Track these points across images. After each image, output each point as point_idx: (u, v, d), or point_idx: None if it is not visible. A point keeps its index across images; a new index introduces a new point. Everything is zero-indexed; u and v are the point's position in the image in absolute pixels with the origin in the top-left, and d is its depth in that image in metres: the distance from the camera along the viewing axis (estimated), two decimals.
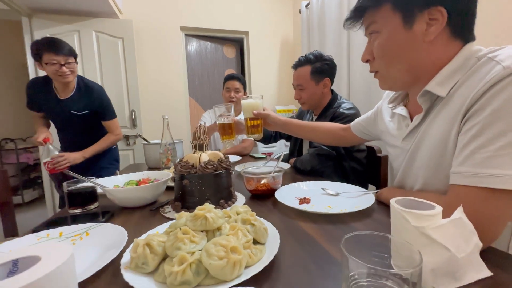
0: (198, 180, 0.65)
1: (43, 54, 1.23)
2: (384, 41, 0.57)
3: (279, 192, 0.75)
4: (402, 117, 0.65)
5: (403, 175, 0.64)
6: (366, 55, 0.62)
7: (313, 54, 1.19)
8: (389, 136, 0.71)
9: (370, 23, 0.58)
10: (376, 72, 0.62)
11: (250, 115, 0.97)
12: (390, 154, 0.74)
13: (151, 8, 2.55)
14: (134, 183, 0.80)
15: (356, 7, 0.59)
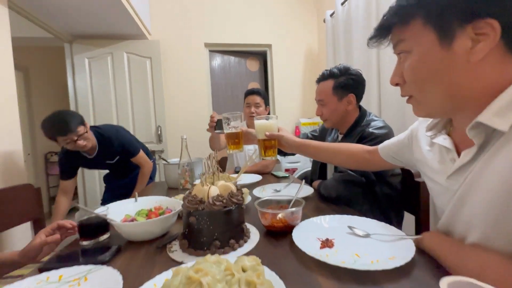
0: (205, 218, 0.59)
1: (57, 138, 1.34)
2: (416, 63, 0.47)
3: (297, 230, 0.66)
4: (445, 149, 0.53)
5: (450, 219, 0.52)
6: (396, 77, 0.52)
7: (338, 68, 1.10)
8: (428, 168, 0.59)
9: (398, 41, 0.49)
10: (409, 97, 0.52)
11: (263, 136, 0.90)
12: (430, 188, 0.61)
13: (177, 28, 2.66)
14: (145, 213, 0.76)
15: (381, 24, 0.50)
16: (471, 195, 0.45)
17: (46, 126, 1.32)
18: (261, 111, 1.79)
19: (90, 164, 1.58)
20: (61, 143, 1.35)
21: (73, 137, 1.34)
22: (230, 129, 0.96)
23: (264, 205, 0.78)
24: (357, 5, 2.01)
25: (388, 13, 0.48)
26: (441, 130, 0.56)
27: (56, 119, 1.33)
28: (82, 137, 1.38)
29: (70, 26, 2.16)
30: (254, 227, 0.74)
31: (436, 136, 0.56)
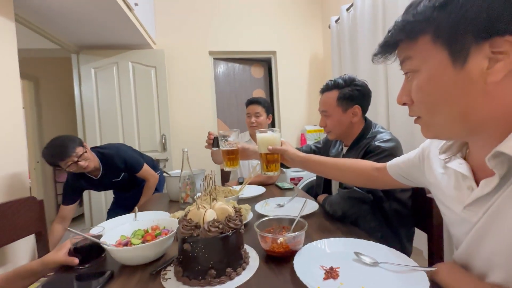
0: (200, 245, 0.56)
1: (59, 163, 1.36)
2: (425, 84, 0.42)
3: (299, 257, 0.62)
4: (461, 175, 0.48)
5: (468, 252, 0.47)
6: (403, 96, 0.48)
7: (342, 78, 1.05)
8: (442, 193, 0.54)
9: (405, 58, 0.45)
10: (418, 118, 0.48)
11: (266, 150, 0.87)
12: (444, 214, 0.56)
13: (181, 37, 2.67)
14: (141, 234, 0.74)
15: (385, 41, 0.45)
16: (493, 231, 0.40)
17: (46, 154, 1.35)
18: (262, 120, 1.75)
19: (98, 185, 1.58)
20: (64, 167, 1.37)
21: (73, 159, 1.35)
22: (227, 145, 0.94)
23: (264, 226, 0.74)
24: (362, 11, 1.97)
25: (394, 28, 0.44)
26: (456, 153, 0.51)
27: (54, 145, 1.36)
28: (82, 157, 1.39)
29: (77, 37, 2.20)
30: (254, 251, 0.70)
31: (451, 160, 0.50)
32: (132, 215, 1.06)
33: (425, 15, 0.39)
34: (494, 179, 0.40)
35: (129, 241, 0.70)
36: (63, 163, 1.35)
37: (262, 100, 1.77)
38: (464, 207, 0.46)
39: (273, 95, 3.04)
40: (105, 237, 0.69)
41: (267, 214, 0.98)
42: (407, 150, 1.11)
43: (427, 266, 0.54)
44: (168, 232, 0.76)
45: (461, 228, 0.47)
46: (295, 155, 0.88)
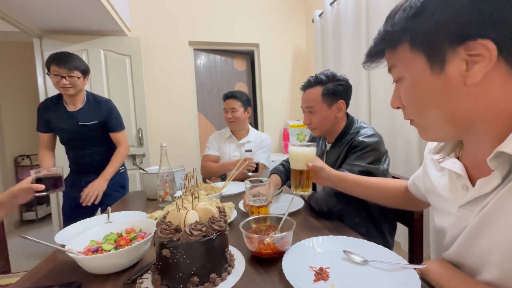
0: (181, 250, 0.51)
1: (51, 66, 1.31)
2: (409, 89, 0.44)
3: (288, 258, 0.59)
4: (455, 175, 0.47)
5: (460, 251, 0.46)
6: (396, 101, 0.48)
7: (324, 74, 1.03)
8: (438, 198, 0.53)
9: (391, 66, 0.46)
10: (411, 121, 0.48)
11: (302, 167, 0.79)
12: (437, 220, 0.54)
13: (159, 25, 2.51)
14: (113, 239, 0.66)
15: (370, 49, 0.47)
16: (488, 229, 0.40)
17: (50, 55, 1.34)
18: (239, 115, 1.69)
19: (64, 119, 1.43)
20: (53, 72, 1.31)
21: (63, 73, 1.31)
22: (259, 201, 0.82)
23: (249, 226, 0.71)
24: (346, 6, 1.96)
25: (376, 38, 0.46)
26: (450, 153, 0.51)
27: (66, 52, 1.36)
28: (72, 79, 1.33)
29: (39, 20, 1.97)
30: (239, 252, 0.66)
31: (444, 160, 0.50)
32: (104, 216, 0.97)
33: (400, 25, 0.40)
34: (494, 179, 0.39)
35: (99, 247, 0.63)
36: (53, 68, 1.31)
37: (238, 94, 1.70)
38: (460, 206, 0.45)
39: (255, 88, 2.98)
40: (70, 243, 0.61)
41: None
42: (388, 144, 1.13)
43: (417, 264, 0.53)
44: (145, 235, 0.70)
45: (455, 228, 0.47)
46: (331, 174, 0.81)
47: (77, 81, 1.35)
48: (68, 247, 0.59)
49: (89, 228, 0.85)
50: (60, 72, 1.30)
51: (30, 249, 2.35)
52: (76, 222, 0.89)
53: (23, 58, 3.02)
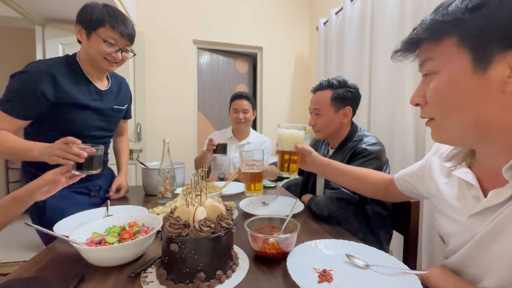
0: (190, 246, 0.51)
1: (104, 25, 0.90)
2: (443, 86, 0.42)
3: (292, 258, 0.60)
4: (466, 184, 0.48)
5: (465, 260, 0.48)
6: (417, 97, 0.47)
7: (336, 80, 1.06)
8: (444, 205, 0.54)
9: (426, 59, 0.44)
10: (429, 120, 0.47)
11: (290, 148, 0.80)
12: (441, 225, 0.56)
13: (164, 20, 2.51)
14: (117, 232, 0.66)
15: (409, 38, 0.45)
16: (496, 239, 0.41)
17: (108, 6, 0.94)
18: (250, 116, 1.72)
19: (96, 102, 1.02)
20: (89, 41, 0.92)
21: (121, 44, 0.95)
22: (251, 168, 0.83)
23: (254, 225, 0.71)
24: (351, 16, 2.01)
25: (420, 26, 0.43)
26: (461, 161, 0.51)
27: (123, 15, 0.97)
28: (126, 55, 1.00)
29: (43, 8, 1.95)
30: (243, 251, 0.66)
31: (456, 168, 0.51)
32: (102, 209, 0.96)
33: (454, 16, 0.39)
34: (508, 190, 0.40)
35: (103, 239, 0.62)
36: (109, 32, 0.91)
37: (250, 95, 1.73)
38: (469, 216, 0.46)
39: (256, 91, 3.00)
40: (73, 234, 0.61)
41: (252, 213, 0.95)
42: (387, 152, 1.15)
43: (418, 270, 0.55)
44: (148, 229, 0.69)
45: (461, 237, 0.48)
46: (317, 158, 0.83)
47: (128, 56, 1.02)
48: (72, 237, 0.59)
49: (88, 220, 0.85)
50: (118, 42, 0.94)
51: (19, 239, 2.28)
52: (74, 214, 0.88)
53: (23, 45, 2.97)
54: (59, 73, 0.92)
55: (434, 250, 1.30)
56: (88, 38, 0.93)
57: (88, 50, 0.94)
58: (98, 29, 0.90)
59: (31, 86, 0.87)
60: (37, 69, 0.91)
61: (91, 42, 0.93)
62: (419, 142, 1.46)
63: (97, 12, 0.91)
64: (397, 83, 1.56)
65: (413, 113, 1.48)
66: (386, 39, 1.64)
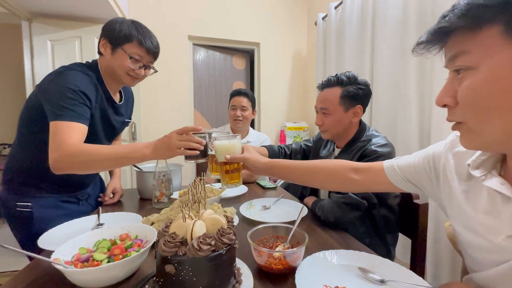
0: (187, 267, 0.45)
1: (131, 41, 0.89)
2: (482, 84, 0.36)
3: (300, 274, 0.54)
4: (502, 198, 0.41)
5: (491, 278, 0.43)
6: (445, 97, 0.41)
7: (346, 76, 0.98)
8: (462, 215, 0.48)
9: (458, 52, 0.38)
10: (459, 124, 0.41)
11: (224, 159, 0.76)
12: (461, 236, 0.50)
13: (158, 16, 2.42)
14: (107, 246, 0.60)
15: (440, 27, 0.38)
16: None
17: (136, 22, 0.94)
18: (248, 115, 1.65)
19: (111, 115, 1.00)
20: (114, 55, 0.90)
21: (145, 60, 0.95)
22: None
23: (257, 235, 0.66)
24: (351, 10, 1.94)
25: (452, 12, 0.37)
26: (491, 169, 0.44)
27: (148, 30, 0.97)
28: (149, 72, 1.01)
29: (29, 2, 1.85)
30: (245, 265, 0.61)
31: (487, 178, 0.43)
32: (93, 217, 0.90)
33: (499, 0, 0.32)
34: None
35: (91, 256, 0.56)
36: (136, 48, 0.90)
37: (250, 93, 1.66)
38: (508, 236, 0.39)
39: (254, 88, 2.93)
40: (57, 252, 0.54)
41: (253, 218, 0.90)
42: None
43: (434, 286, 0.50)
44: (142, 243, 0.63)
45: (491, 256, 0.43)
46: (258, 162, 0.78)
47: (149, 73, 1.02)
48: (54, 256, 0.53)
49: (77, 230, 0.78)
50: (143, 58, 0.93)
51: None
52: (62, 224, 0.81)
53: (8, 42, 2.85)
54: (97, 83, 0.92)
55: (440, 252, 1.27)
56: (113, 52, 0.91)
57: (111, 64, 0.92)
58: (125, 45, 0.90)
59: (80, 90, 0.82)
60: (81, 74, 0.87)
61: (116, 56, 0.91)
62: (424, 140, 1.42)
63: (126, 27, 0.90)
64: (400, 79, 1.51)
65: (417, 111, 1.43)
66: (389, 34, 1.58)
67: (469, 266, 0.51)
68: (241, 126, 1.67)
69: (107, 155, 0.76)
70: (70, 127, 0.76)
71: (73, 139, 0.75)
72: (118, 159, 0.77)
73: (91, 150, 0.76)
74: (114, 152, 0.77)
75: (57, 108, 0.77)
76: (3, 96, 2.96)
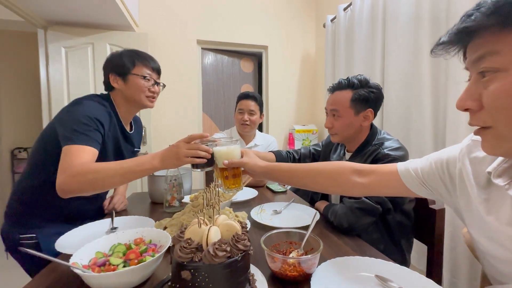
0: (203, 273, 0.45)
1: (136, 65, 0.95)
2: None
3: (316, 282, 0.53)
4: None
5: None
6: (468, 100, 0.39)
7: (357, 79, 0.97)
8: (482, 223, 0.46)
9: (485, 53, 0.36)
10: (485, 128, 0.39)
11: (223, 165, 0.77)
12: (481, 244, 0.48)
13: (168, 21, 2.46)
14: (122, 252, 0.60)
15: (464, 26, 0.36)
16: None
17: (131, 50, 0.99)
18: (256, 119, 1.63)
19: (123, 145, 1.04)
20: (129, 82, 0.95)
21: (156, 77, 1.02)
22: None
23: (270, 241, 0.65)
24: (361, 11, 1.93)
25: (477, 11, 0.35)
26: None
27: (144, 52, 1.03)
28: (159, 88, 1.05)
29: (45, 11, 1.91)
30: (259, 271, 0.60)
31: (511, 187, 0.41)
32: (106, 221, 0.91)
33: None
34: None
35: (107, 261, 0.57)
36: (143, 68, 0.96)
37: (257, 96, 1.64)
38: None
39: (262, 91, 2.94)
40: (75, 256, 0.55)
41: (265, 223, 0.89)
42: None
43: None
44: (156, 247, 0.64)
45: None
46: (256, 166, 0.77)
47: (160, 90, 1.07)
48: (73, 260, 0.53)
49: (92, 234, 0.80)
50: (152, 76, 1.00)
51: None
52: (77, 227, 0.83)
53: (25, 49, 2.95)
54: (111, 111, 0.95)
55: (458, 259, 1.23)
56: (126, 81, 0.96)
57: (127, 92, 0.97)
58: (133, 69, 0.95)
59: (94, 117, 0.86)
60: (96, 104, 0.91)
61: (130, 83, 0.96)
62: (439, 143, 1.38)
63: (126, 56, 0.96)
64: (413, 80, 1.48)
65: (431, 112, 1.40)
66: (401, 34, 1.55)
67: (489, 274, 0.49)
68: (248, 131, 1.65)
69: (115, 170, 0.75)
70: (80, 150, 0.78)
71: (82, 160, 0.76)
72: (126, 174, 0.76)
73: (98, 167, 0.76)
74: (122, 167, 0.76)
75: (70, 133, 0.80)
76: (20, 102, 3.05)
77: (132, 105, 1.01)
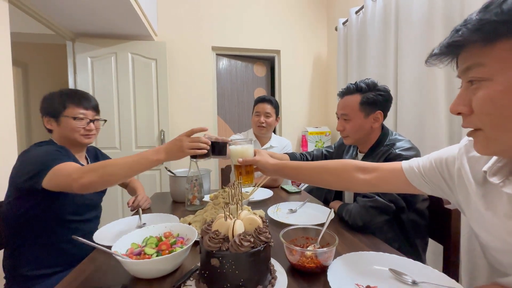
0: (230, 261, 0.50)
1: (68, 107, 0.97)
2: (499, 95, 0.38)
3: (332, 272, 0.57)
4: None
5: None
6: (460, 105, 0.43)
7: (365, 83, 1.01)
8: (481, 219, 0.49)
9: (472, 65, 0.40)
10: (476, 130, 0.43)
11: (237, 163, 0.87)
12: (481, 236, 0.51)
13: (184, 30, 2.58)
14: (154, 243, 0.67)
15: (454, 41, 0.40)
16: None
17: (63, 91, 1.01)
18: (272, 121, 1.70)
19: None
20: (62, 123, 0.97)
21: (90, 115, 1.02)
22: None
23: (288, 236, 0.70)
24: (373, 14, 1.94)
25: (465, 27, 0.38)
26: (509, 175, 0.45)
27: (78, 90, 1.06)
28: (97, 124, 1.07)
29: (73, 24, 2.07)
30: (278, 263, 0.65)
31: (505, 184, 0.44)
32: (134, 218, 0.99)
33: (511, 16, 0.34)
34: None
35: (142, 251, 0.63)
36: (77, 111, 0.98)
37: (274, 100, 1.71)
38: None
39: (275, 95, 2.99)
40: (115, 245, 0.62)
41: (281, 220, 0.94)
42: None
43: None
44: (184, 240, 0.70)
45: None
46: (267, 164, 0.85)
47: (100, 125, 1.09)
48: (114, 249, 0.60)
49: (124, 229, 0.88)
50: (86, 115, 1.01)
51: None
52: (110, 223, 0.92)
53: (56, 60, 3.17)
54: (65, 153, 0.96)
55: (475, 259, 1.21)
56: (59, 123, 0.99)
57: (63, 133, 1.00)
58: (64, 111, 0.97)
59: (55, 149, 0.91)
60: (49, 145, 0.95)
61: (63, 125, 0.98)
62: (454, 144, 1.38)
63: (56, 98, 0.98)
64: (427, 83, 1.48)
65: (446, 114, 1.39)
66: (414, 36, 1.56)
67: (491, 265, 0.52)
68: (265, 133, 1.72)
69: (122, 163, 0.80)
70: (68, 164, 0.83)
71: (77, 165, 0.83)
72: (133, 166, 0.80)
73: (105, 162, 0.81)
74: (127, 161, 0.80)
75: (43, 165, 0.81)
76: None
77: (72, 143, 1.02)
